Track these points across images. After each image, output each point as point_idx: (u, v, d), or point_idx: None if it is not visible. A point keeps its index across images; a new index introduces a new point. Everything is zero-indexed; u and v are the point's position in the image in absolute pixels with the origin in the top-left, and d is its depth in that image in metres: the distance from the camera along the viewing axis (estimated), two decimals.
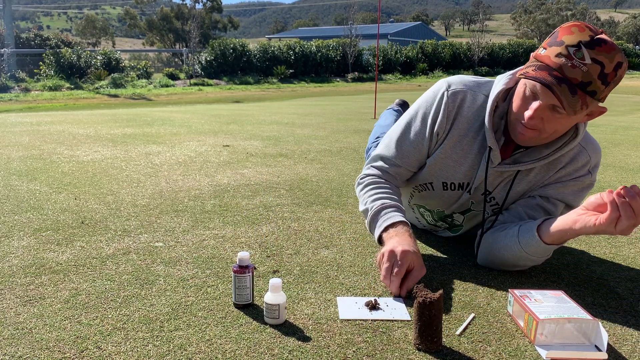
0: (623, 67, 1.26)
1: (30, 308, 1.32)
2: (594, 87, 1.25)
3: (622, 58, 1.26)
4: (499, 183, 1.56)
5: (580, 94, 1.25)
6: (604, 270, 1.63)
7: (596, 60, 1.23)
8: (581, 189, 1.54)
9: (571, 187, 1.52)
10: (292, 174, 3.03)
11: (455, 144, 1.55)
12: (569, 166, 1.51)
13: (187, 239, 1.87)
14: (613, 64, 1.24)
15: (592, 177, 1.53)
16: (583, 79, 1.24)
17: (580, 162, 1.51)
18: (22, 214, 2.15)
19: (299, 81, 21.73)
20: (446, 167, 1.59)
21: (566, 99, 1.25)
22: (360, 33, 26.32)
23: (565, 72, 1.25)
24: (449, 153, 1.56)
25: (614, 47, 1.25)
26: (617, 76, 1.26)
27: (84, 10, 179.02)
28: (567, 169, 1.51)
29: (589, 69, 1.23)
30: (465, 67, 28.58)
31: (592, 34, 1.25)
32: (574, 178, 1.51)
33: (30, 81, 16.98)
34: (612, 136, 4.93)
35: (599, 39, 1.24)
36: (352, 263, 1.66)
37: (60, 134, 4.67)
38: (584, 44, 1.23)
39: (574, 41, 1.25)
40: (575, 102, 1.25)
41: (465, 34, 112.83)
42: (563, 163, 1.51)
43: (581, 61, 1.23)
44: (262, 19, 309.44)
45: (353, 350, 1.14)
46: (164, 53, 35.55)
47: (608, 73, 1.24)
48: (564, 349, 1.14)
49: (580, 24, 1.28)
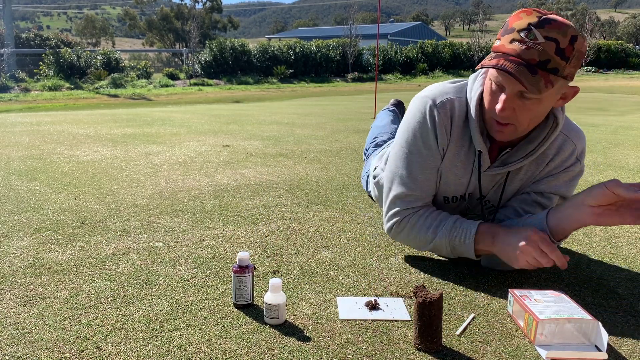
0: (579, 40, 1.26)
1: (30, 308, 1.32)
2: (554, 64, 1.25)
3: (575, 32, 1.26)
4: (493, 186, 1.56)
5: (542, 73, 1.25)
6: (604, 270, 1.63)
7: (549, 37, 1.23)
8: (572, 178, 1.53)
9: (562, 179, 1.52)
10: (292, 174, 3.03)
11: (454, 156, 1.51)
12: (556, 158, 1.50)
13: (187, 239, 1.87)
14: (567, 38, 1.24)
15: (580, 164, 1.53)
16: (540, 58, 1.24)
17: (567, 151, 1.50)
18: (22, 214, 2.15)
19: (299, 81, 21.73)
20: (447, 183, 1.55)
21: (527, 80, 1.24)
22: (360, 33, 26.32)
23: (521, 55, 1.25)
24: (450, 167, 1.53)
25: (565, 23, 1.25)
26: (575, 50, 1.26)
27: (84, 10, 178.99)
28: (556, 160, 1.50)
29: (544, 47, 1.24)
30: (465, 67, 28.58)
31: (540, 15, 1.26)
32: (564, 169, 1.51)
33: (30, 81, 16.98)
34: (612, 136, 4.93)
35: (547, 18, 1.25)
36: (352, 263, 1.66)
37: (60, 134, 4.67)
38: (534, 24, 1.25)
39: (524, 25, 1.26)
40: (537, 81, 1.24)
41: (465, 34, 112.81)
42: (550, 155, 1.50)
43: (534, 41, 1.24)
44: (262, 19, 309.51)
45: (353, 350, 1.14)
46: (163, 53, 35.55)
47: (564, 48, 1.24)
48: (564, 349, 1.14)
49: (527, 9, 1.29)
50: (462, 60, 29.16)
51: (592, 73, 29.41)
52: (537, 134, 1.45)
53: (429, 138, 1.49)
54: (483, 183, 1.54)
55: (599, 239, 1.92)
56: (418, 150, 1.51)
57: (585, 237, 1.94)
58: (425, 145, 1.50)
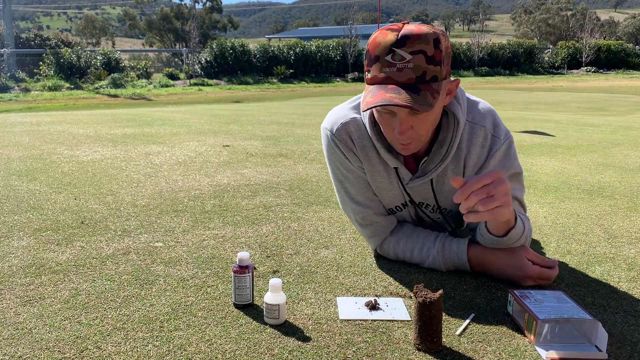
0: (442, 39, 1.25)
1: (30, 308, 1.32)
2: (431, 74, 1.24)
3: (435, 34, 1.24)
4: (427, 194, 1.54)
5: (424, 87, 1.23)
6: (604, 270, 1.63)
7: (414, 51, 1.21)
8: (504, 156, 1.46)
9: (494, 163, 1.45)
10: (292, 174, 3.03)
11: (375, 173, 1.53)
12: (472, 148, 1.45)
13: (187, 239, 1.87)
14: (431, 44, 1.22)
15: (500, 139, 1.45)
16: (416, 74, 1.22)
17: (479, 137, 1.45)
18: (22, 214, 2.15)
19: (299, 81, 21.74)
20: (383, 197, 1.58)
21: (415, 102, 1.21)
22: (360, 33, 26.34)
23: (397, 79, 1.23)
24: (376, 184, 1.55)
25: (422, 31, 1.23)
26: (443, 51, 1.24)
27: (84, 10, 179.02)
28: (473, 151, 1.46)
29: (415, 63, 1.22)
30: (465, 67, 28.58)
31: (397, 33, 1.24)
32: (491, 155, 1.45)
33: (30, 81, 16.99)
34: (612, 136, 4.93)
35: (404, 35, 1.22)
36: (352, 263, 1.66)
37: (60, 134, 4.67)
38: (395, 45, 1.22)
39: (386, 48, 1.23)
40: (424, 97, 1.22)
41: (465, 34, 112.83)
42: (464, 148, 1.46)
43: (403, 62, 1.22)
44: (262, 19, 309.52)
45: (353, 350, 1.14)
46: (164, 53, 35.55)
47: (433, 54, 1.23)
48: (564, 349, 1.14)
49: (380, 32, 1.27)
50: (462, 60, 29.15)
51: (592, 73, 29.42)
52: (445, 136, 1.43)
53: (346, 163, 1.54)
54: (414, 192, 1.54)
55: (599, 239, 1.92)
56: (344, 176, 1.57)
57: (585, 237, 1.94)
58: (348, 170, 1.55)
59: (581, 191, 2.66)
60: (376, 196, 1.59)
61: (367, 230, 1.63)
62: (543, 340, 1.17)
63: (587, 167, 3.33)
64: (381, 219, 1.62)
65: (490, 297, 1.42)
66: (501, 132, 1.45)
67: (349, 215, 1.66)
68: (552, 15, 68.09)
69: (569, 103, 10.42)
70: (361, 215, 1.60)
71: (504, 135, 1.45)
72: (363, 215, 1.60)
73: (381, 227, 1.62)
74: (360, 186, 1.57)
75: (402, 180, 1.51)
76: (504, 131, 1.46)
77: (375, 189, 1.57)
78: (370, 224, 1.61)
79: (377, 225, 1.62)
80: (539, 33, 66.65)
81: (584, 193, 2.62)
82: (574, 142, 4.47)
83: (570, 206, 2.37)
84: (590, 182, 2.87)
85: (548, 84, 21.02)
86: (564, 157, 3.70)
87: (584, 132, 5.23)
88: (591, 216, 2.21)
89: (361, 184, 1.56)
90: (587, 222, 2.12)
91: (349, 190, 1.58)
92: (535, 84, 21.64)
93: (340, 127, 1.50)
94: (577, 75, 28.05)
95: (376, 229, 1.62)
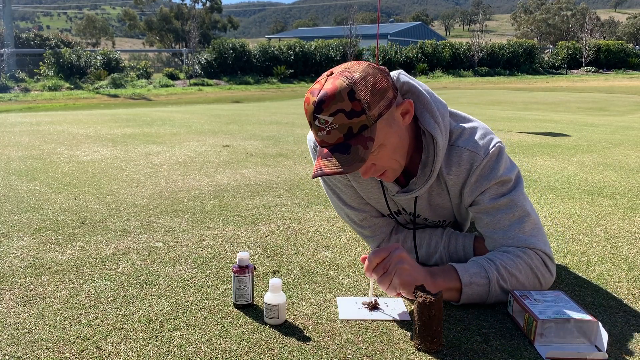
0: (356, 89, 1.20)
1: (30, 308, 1.32)
2: (358, 125, 1.22)
3: (348, 86, 1.20)
4: (415, 206, 1.52)
5: (354, 142, 1.22)
6: (604, 270, 1.63)
7: (332, 113, 1.20)
8: (486, 170, 1.37)
9: (474, 178, 1.38)
10: (292, 174, 3.03)
11: (361, 183, 1.53)
12: (452, 168, 1.40)
13: (187, 239, 1.87)
14: (346, 100, 1.20)
15: (480, 155, 1.36)
16: (342, 132, 1.22)
17: (455, 155, 1.39)
18: (22, 214, 2.15)
19: (299, 81, 21.74)
20: (374, 205, 1.59)
21: (344, 162, 1.22)
22: (360, 33, 26.36)
23: (328, 141, 1.24)
24: (365, 193, 1.56)
25: (335, 89, 1.20)
26: (362, 98, 1.21)
27: (84, 10, 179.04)
28: (453, 170, 1.40)
29: (338, 122, 1.21)
30: (466, 67, 28.57)
31: (314, 99, 1.22)
32: (470, 173, 1.38)
33: (30, 81, 16.99)
34: (612, 136, 4.93)
35: (319, 100, 1.21)
36: (352, 263, 1.66)
37: (60, 134, 4.67)
38: (315, 111, 1.22)
39: (311, 116, 1.24)
40: (354, 154, 1.22)
41: (465, 34, 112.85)
42: (444, 167, 1.41)
43: (327, 125, 1.22)
44: (262, 19, 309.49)
45: (353, 350, 1.14)
46: (163, 53, 35.53)
47: (352, 108, 1.20)
48: (564, 349, 1.14)
49: (307, 95, 1.25)
50: (462, 60, 29.14)
51: (592, 73, 29.42)
52: (427, 155, 1.39)
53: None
54: (402, 203, 1.54)
55: (599, 239, 1.92)
56: (334, 184, 1.58)
57: (585, 237, 1.94)
58: (335, 179, 1.56)
59: (581, 191, 2.66)
60: (367, 203, 1.60)
61: (367, 231, 1.63)
62: (543, 340, 1.17)
63: (587, 167, 3.33)
64: (380, 220, 1.62)
65: None
66: (480, 148, 1.37)
67: (344, 219, 1.66)
68: (552, 15, 68.06)
69: (568, 103, 10.43)
70: (359, 217, 1.60)
71: (484, 150, 1.37)
72: (361, 217, 1.60)
73: (380, 227, 1.62)
74: (350, 193, 1.57)
75: (389, 193, 1.51)
76: (485, 145, 1.38)
77: (365, 198, 1.58)
78: (369, 226, 1.62)
79: (376, 225, 1.62)
80: (539, 33, 66.65)
81: (584, 193, 2.62)
82: (574, 142, 4.47)
83: (570, 206, 2.37)
84: (590, 182, 2.86)
85: (548, 84, 21.02)
86: (564, 157, 3.70)
87: (584, 132, 5.23)
88: (591, 216, 2.21)
89: (351, 191, 1.57)
90: (587, 222, 2.12)
91: (341, 197, 1.59)
92: (535, 84, 21.64)
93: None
94: (577, 75, 28.04)
95: (376, 229, 1.62)
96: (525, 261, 1.34)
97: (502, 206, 1.37)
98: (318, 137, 1.27)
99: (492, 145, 1.38)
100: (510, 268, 1.32)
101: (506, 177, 1.37)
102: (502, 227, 1.37)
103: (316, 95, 1.23)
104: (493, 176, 1.37)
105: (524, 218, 1.37)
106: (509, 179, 1.38)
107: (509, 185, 1.39)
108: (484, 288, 1.32)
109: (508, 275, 1.32)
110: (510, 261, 1.33)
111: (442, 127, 1.36)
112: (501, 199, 1.37)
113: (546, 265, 1.37)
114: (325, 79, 1.26)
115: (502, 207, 1.37)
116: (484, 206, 1.38)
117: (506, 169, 1.38)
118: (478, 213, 1.41)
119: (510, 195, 1.37)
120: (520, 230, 1.36)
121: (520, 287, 1.33)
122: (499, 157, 1.38)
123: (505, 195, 1.37)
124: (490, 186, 1.37)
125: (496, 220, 1.38)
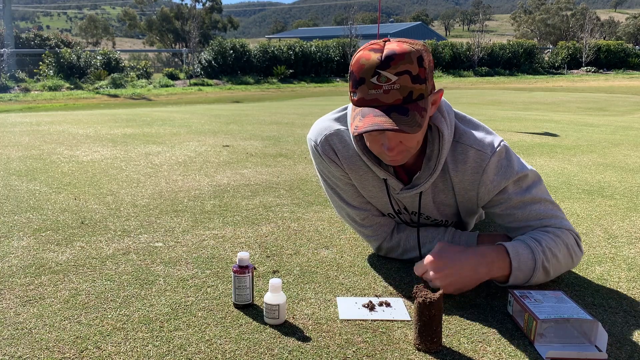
0: (424, 56, 1.22)
1: (30, 308, 1.32)
2: (418, 92, 1.22)
3: (418, 51, 1.22)
4: (419, 203, 1.52)
5: (412, 107, 1.21)
6: (604, 270, 1.63)
7: (399, 72, 1.19)
8: (499, 168, 1.39)
9: (490, 177, 1.40)
10: (292, 174, 3.03)
11: (363, 182, 1.53)
12: (459, 166, 1.41)
13: (187, 239, 1.87)
14: (415, 63, 1.20)
15: (487, 154, 1.38)
16: (403, 95, 1.20)
17: (461, 153, 1.41)
18: (22, 214, 2.15)
19: (299, 81, 21.73)
20: (375, 203, 1.59)
21: (404, 123, 1.20)
22: (361, 33, 26.33)
23: (384, 100, 1.21)
24: (366, 192, 1.55)
25: (405, 50, 1.20)
26: (427, 68, 1.23)
27: (84, 10, 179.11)
28: (460, 169, 1.41)
29: (401, 83, 1.20)
30: (466, 67, 28.56)
31: (380, 54, 1.21)
32: (483, 172, 1.40)
33: (30, 81, 16.99)
34: (612, 136, 4.93)
35: (387, 56, 1.20)
36: (352, 263, 1.66)
37: (60, 134, 4.67)
38: (379, 67, 1.20)
39: (370, 71, 1.20)
40: (412, 118, 1.21)
41: (465, 34, 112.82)
42: (449, 164, 1.42)
43: (389, 83, 1.20)
44: (262, 19, 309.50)
45: (353, 350, 1.14)
46: (163, 53, 35.54)
47: (418, 73, 1.21)
48: (564, 349, 1.14)
49: (363, 52, 1.24)
50: (462, 60, 29.13)
51: (592, 73, 29.41)
52: (431, 150, 1.40)
53: (333, 172, 1.53)
54: (406, 202, 1.53)
55: (599, 239, 1.92)
56: (335, 184, 1.57)
57: (585, 237, 1.94)
58: (336, 178, 1.55)
59: (581, 191, 2.66)
60: (367, 201, 1.60)
61: (368, 231, 1.63)
62: (543, 340, 1.17)
63: (587, 167, 3.33)
64: (381, 219, 1.62)
65: (490, 297, 1.42)
66: (485, 146, 1.39)
67: (345, 219, 1.66)
68: (552, 15, 68.04)
69: (569, 103, 10.43)
70: (360, 216, 1.60)
71: (490, 149, 1.39)
72: (362, 216, 1.60)
73: (381, 227, 1.62)
74: (352, 192, 1.57)
75: (393, 191, 1.50)
76: (490, 144, 1.40)
77: (367, 197, 1.57)
78: (370, 225, 1.61)
79: (378, 225, 1.62)
80: (539, 33, 66.63)
81: (584, 193, 2.62)
82: (574, 142, 4.46)
83: (570, 206, 2.37)
84: (590, 182, 2.86)
85: (548, 84, 21.02)
86: (564, 157, 3.70)
87: (584, 132, 5.23)
88: (591, 216, 2.21)
89: (352, 190, 1.56)
90: (587, 222, 2.12)
91: (342, 197, 1.59)
92: (535, 84, 21.63)
93: (323, 139, 1.50)
94: (577, 75, 28.02)
95: (377, 229, 1.62)
96: (563, 241, 1.40)
97: (532, 198, 1.42)
98: (370, 95, 1.22)
99: (497, 143, 1.41)
100: (554, 249, 1.38)
101: (522, 173, 1.42)
102: (536, 217, 1.42)
103: (379, 51, 1.21)
104: (510, 174, 1.40)
105: (553, 205, 1.45)
106: (525, 174, 1.42)
107: (528, 180, 1.43)
108: (530, 268, 1.37)
109: (551, 256, 1.38)
110: (552, 242, 1.39)
111: (448, 122, 1.39)
112: (527, 191, 1.41)
113: (578, 244, 1.45)
114: (383, 43, 1.24)
115: (532, 199, 1.42)
116: (513, 202, 1.42)
117: (519, 165, 1.43)
118: (507, 209, 1.44)
119: (535, 187, 1.43)
120: (553, 215, 1.43)
121: (558, 267, 1.41)
122: (508, 155, 1.42)
123: (530, 188, 1.42)
124: (509, 184, 1.40)
125: (528, 210, 1.42)
